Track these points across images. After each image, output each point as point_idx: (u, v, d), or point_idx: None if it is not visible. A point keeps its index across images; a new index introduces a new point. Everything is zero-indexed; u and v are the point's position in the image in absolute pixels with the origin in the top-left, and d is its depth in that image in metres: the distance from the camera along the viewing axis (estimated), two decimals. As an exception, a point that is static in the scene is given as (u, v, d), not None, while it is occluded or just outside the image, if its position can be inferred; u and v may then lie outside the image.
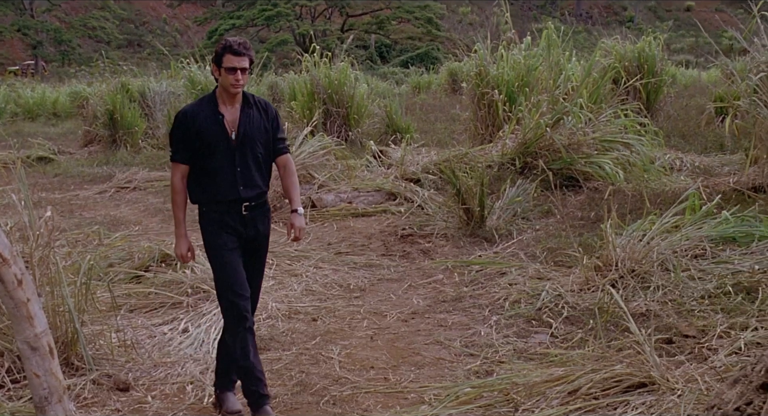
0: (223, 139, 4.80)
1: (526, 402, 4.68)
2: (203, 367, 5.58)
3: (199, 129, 4.76)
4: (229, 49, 4.67)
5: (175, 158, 4.86)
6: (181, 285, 6.93)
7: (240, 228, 4.81)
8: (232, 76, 4.66)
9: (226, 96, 4.79)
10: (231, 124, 4.82)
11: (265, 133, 4.94)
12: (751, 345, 5.18)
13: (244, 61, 4.69)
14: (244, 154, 4.85)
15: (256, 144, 4.89)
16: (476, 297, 6.96)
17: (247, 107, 4.89)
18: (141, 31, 58.05)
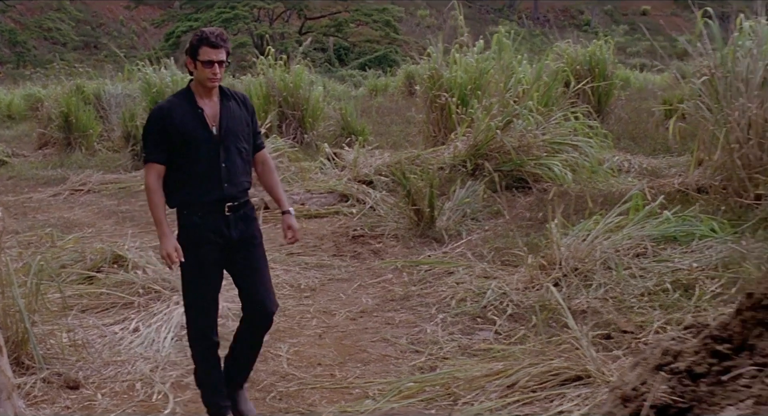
0: (204, 135, 4.55)
1: (466, 395, 4.84)
2: (153, 365, 5.67)
3: (177, 125, 4.51)
4: (205, 41, 4.45)
5: (150, 158, 4.56)
6: (133, 285, 7.01)
7: (224, 231, 4.53)
8: (209, 69, 4.46)
9: (202, 90, 4.59)
10: (212, 119, 4.59)
11: (246, 127, 4.73)
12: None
13: (221, 54, 4.47)
14: (228, 150, 4.58)
15: (239, 138, 4.65)
16: (424, 296, 7.10)
17: (226, 100, 4.68)
18: (98, 33, 57.58)
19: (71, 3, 58.64)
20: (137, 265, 7.35)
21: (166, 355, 5.88)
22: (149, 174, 4.54)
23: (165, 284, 7.03)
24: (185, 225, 4.58)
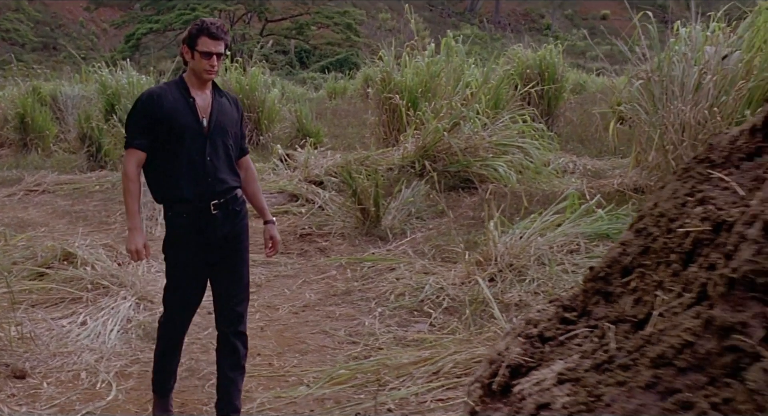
0: (193, 125, 4.40)
1: (394, 381, 5.12)
2: (98, 356, 5.89)
3: (167, 112, 4.36)
4: (205, 32, 4.29)
5: (132, 144, 4.37)
6: (82, 281, 7.20)
7: (209, 230, 4.41)
8: (207, 61, 4.31)
9: (196, 81, 4.44)
10: (202, 110, 4.45)
11: (235, 126, 4.63)
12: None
13: (220, 46, 4.35)
14: (215, 144, 4.46)
15: (228, 135, 4.53)
16: (365, 291, 7.37)
17: (218, 96, 4.57)
18: (57, 34, 57.21)
19: (30, 3, 58.21)
20: (86, 262, 7.54)
21: (111, 347, 6.10)
22: (129, 160, 4.38)
23: (113, 280, 7.24)
24: (173, 226, 4.46)
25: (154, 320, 6.38)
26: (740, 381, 1.29)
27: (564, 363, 1.85)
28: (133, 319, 6.61)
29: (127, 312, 6.69)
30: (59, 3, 62.18)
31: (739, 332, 1.35)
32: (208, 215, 4.40)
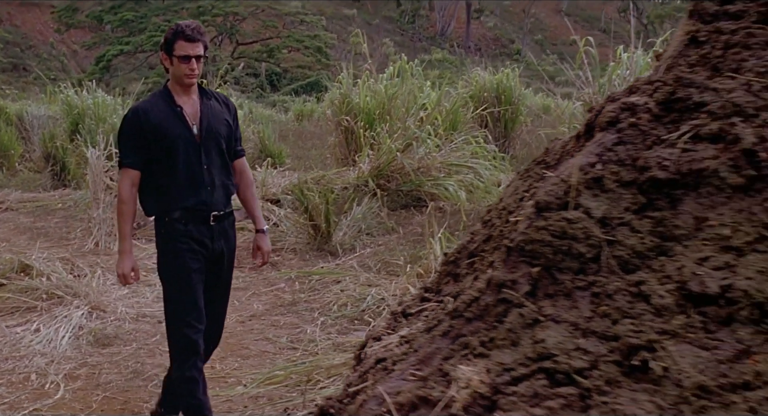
0: (184, 135, 4.28)
1: (325, 380, 5.46)
2: (49, 360, 6.18)
3: (155, 125, 4.24)
4: (180, 35, 4.18)
5: (125, 163, 4.29)
6: (37, 291, 7.48)
7: (207, 242, 4.30)
8: (185, 65, 4.18)
9: (180, 88, 4.32)
10: (192, 117, 4.32)
11: (228, 128, 4.46)
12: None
13: (198, 48, 4.22)
14: (209, 150, 4.33)
15: (221, 138, 4.39)
16: (310, 302, 7.71)
17: (206, 98, 4.42)
18: (27, 55, 57.23)
19: (0, 25, 58.26)
20: (42, 273, 7.83)
21: (62, 352, 6.40)
22: (123, 181, 4.29)
23: (68, 290, 7.53)
24: (168, 234, 4.30)
25: (105, 326, 6.71)
26: (502, 324, 1.67)
27: (408, 329, 2.22)
28: (85, 327, 6.90)
29: (80, 320, 6.97)
30: (30, 24, 62.23)
31: (510, 288, 1.73)
32: (207, 227, 4.29)
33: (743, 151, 1.70)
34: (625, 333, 1.54)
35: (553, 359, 1.52)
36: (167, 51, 4.26)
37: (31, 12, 63.87)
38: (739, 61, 1.88)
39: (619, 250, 1.70)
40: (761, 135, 1.71)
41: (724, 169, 1.70)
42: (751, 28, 1.91)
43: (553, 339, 1.56)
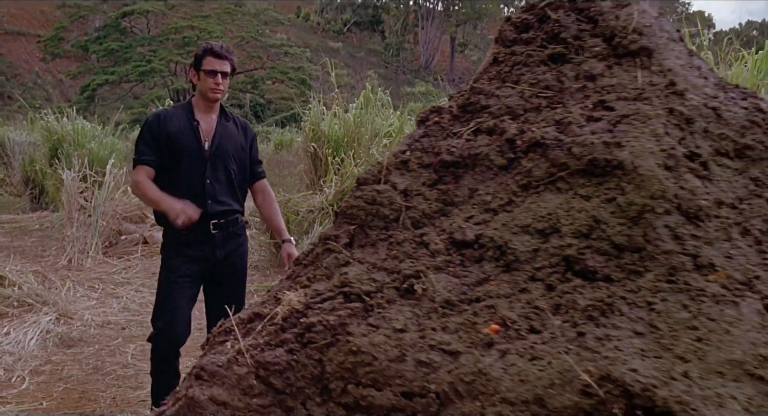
0: (195, 147, 4.43)
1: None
2: (16, 358, 6.70)
3: (170, 133, 4.40)
4: (210, 52, 4.37)
5: (141, 160, 4.44)
6: (9, 299, 8.00)
7: (206, 250, 4.44)
8: (211, 79, 4.35)
9: (203, 104, 4.50)
10: (206, 133, 4.46)
11: (241, 151, 4.58)
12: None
13: (225, 65, 4.39)
14: (215, 167, 4.46)
15: (230, 159, 4.51)
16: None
17: (225, 120, 4.57)
18: (12, 84, 57.65)
19: (-15, 54, 58.74)
20: (14, 283, 8.35)
21: (29, 351, 6.91)
22: (138, 172, 4.42)
23: (38, 298, 8.05)
24: (171, 241, 4.53)
25: (71, 331, 7.26)
26: (323, 264, 2.26)
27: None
28: (52, 331, 7.41)
29: (47, 325, 7.49)
30: (15, 53, 62.74)
31: (333, 240, 2.32)
32: (207, 233, 4.41)
33: (506, 140, 2.31)
34: (404, 268, 2.14)
35: (350, 285, 2.11)
36: (196, 66, 4.46)
37: (17, 41, 64.45)
38: (519, 75, 2.49)
39: (413, 213, 2.29)
40: (521, 128, 2.32)
41: (493, 153, 2.30)
42: (533, 51, 2.52)
43: (354, 273, 2.15)
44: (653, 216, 1.99)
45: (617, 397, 1.65)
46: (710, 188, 2.11)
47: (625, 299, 1.89)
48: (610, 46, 2.46)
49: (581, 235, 2.03)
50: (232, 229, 4.51)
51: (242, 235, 4.69)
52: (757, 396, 1.64)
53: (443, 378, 1.83)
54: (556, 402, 1.70)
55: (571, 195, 2.11)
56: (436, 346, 1.89)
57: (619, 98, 2.29)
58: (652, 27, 2.47)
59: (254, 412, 1.92)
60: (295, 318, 2.05)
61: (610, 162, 2.09)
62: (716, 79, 2.53)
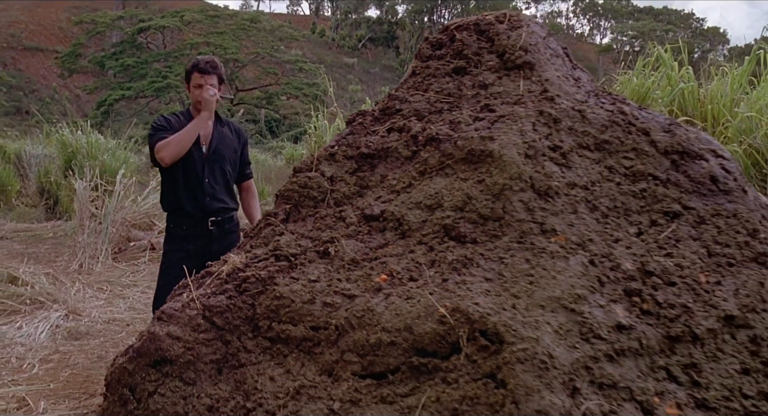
0: (194, 150, 4.80)
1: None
2: (27, 348, 7.27)
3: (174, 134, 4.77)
4: (195, 68, 4.82)
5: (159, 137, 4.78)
6: (22, 297, 8.60)
7: (203, 244, 4.72)
8: (198, 91, 4.77)
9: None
10: (204, 138, 4.85)
11: (234, 153, 4.99)
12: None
13: (212, 79, 4.78)
14: (213, 169, 4.85)
15: (225, 160, 4.91)
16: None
17: (220, 126, 4.99)
18: (30, 99, 58.43)
19: (4, 69, 59.53)
20: (27, 283, 8.95)
21: (39, 343, 7.49)
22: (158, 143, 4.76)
23: (49, 297, 8.64)
24: (171, 234, 4.96)
25: (79, 326, 7.84)
26: (262, 234, 2.83)
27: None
28: (61, 326, 7.98)
29: (57, 320, 8.06)
30: (33, 69, 63.58)
31: (273, 216, 2.90)
32: (205, 229, 4.77)
33: (411, 136, 2.88)
34: (323, 236, 2.71)
35: (281, 249, 2.68)
36: (186, 81, 4.97)
37: (35, 57, 65.35)
38: (429, 85, 3.06)
39: (336, 194, 2.86)
40: (424, 127, 2.88)
41: (401, 147, 2.87)
42: (441, 65, 3.10)
43: (284, 240, 2.72)
44: (511, 192, 2.55)
45: (463, 323, 2.21)
46: (567, 173, 2.67)
47: (483, 255, 2.45)
48: (501, 61, 3.03)
49: (457, 209, 2.59)
50: (227, 226, 4.87)
51: (236, 232, 4.96)
52: (567, 323, 2.20)
53: (342, 314, 2.40)
54: (420, 329, 2.26)
55: (454, 178, 2.68)
56: (339, 292, 2.46)
57: (503, 103, 2.86)
58: (538, 45, 3.03)
59: (200, 344, 2.49)
60: (236, 274, 2.61)
61: (483, 152, 2.65)
62: (592, 87, 3.09)
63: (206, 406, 2.38)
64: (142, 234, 12.85)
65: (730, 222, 2.70)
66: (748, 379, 2.28)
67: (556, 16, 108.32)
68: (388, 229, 2.66)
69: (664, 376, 2.20)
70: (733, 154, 7.54)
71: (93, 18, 58.37)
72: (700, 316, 2.36)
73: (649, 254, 2.50)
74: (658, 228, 2.63)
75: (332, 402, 2.23)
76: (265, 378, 2.39)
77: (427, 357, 2.23)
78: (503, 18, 3.17)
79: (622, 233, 2.57)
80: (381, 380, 2.26)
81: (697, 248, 2.57)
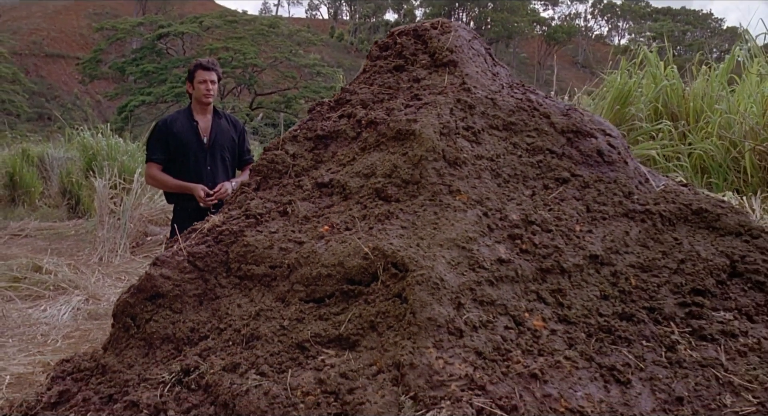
0: (196, 142, 5.50)
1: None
2: (51, 327, 8.03)
3: (176, 134, 5.49)
4: (200, 66, 5.54)
5: (152, 158, 5.57)
6: (46, 283, 9.37)
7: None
8: (203, 85, 5.51)
9: (199, 107, 5.60)
10: (204, 131, 5.56)
11: (231, 142, 5.67)
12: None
13: (212, 75, 5.54)
14: (214, 156, 5.52)
15: (224, 149, 5.60)
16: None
17: (218, 118, 5.67)
18: (52, 105, 59.31)
19: (26, 75, 60.49)
20: (50, 271, 9.73)
21: (62, 322, 8.24)
22: (150, 169, 5.60)
23: (70, 283, 9.40)
24: (177, 217, 5.55)
25: (98, 308, 8.59)
26: (237, 199, 3.55)
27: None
28: (82, 308, 8.73)
29: (78, 304, 8.82)
30: (55, 75, 64.57)
31: (246, 186, 3.61)
32: (207, 210, 5.26)
33: (356, 120, 3.59)
34: (284, 200, 3.42)
35: (250, 210, 3.39)
36: (190, 80, 5.66)
37: (57, 63, 66.39)
38: (374, 80, 3.77)
39: (296, 168, 3.58)
40: (367, 114, 3.60)
41: (348, 129, 3.58)
42: (385, 64, 3.82)
43: (254, 204, 3.44)
44: (426, 162, 3.26)
45: (380, 258, 2.92)
46: (476, 148, 3.37)
47: (403, 210, 3.16)
48: (432, 60, 3.75)
49: (386, 176, 3.30)
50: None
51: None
52: (458, 257, 2.90)
53: (293, 256, 3.11)
54: (349, 264, 2.97)
55: (386, 152, 3.39)
56: (292, 240, 3.17)
57: (429, 93, 3.57)
58: (462, 46, 3.75)
59: (186, 282, 3.21)
60: (214, 229, 3.33)
61: (408, 131, 3.37)
62: (508, 80, 3.81)
63: (189, 328, 3.10)
64: (158, 230, 13.59)
65: (609, 187, 3.40)
66: (606, 303, 2.96)
67: (574, 18, 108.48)
68: (334, 194, 3.37)
69: (534, 298, 2.90)
70: (715, 148, 8.22)
71: (113, 24, 59.12)
72: (569, 255, 3.05)
73: (535, 210, 3.20)
74: (548, 191, 3.32)
75: (283, 320, 2.94)
76: (234, 305, 3.10)
77: (354, 285, 2.94)
78: (437, 25, 3.89)
79: (518, 194, 3.27)
80: (320, 303, 2.97)
81: (577, 205, 3.27)
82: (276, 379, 2.64)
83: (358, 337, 2.74)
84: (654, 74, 10.60)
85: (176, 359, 2.96)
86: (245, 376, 2.69)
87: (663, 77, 10.35)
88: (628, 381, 2.62)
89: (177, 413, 2.67)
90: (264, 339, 2.86)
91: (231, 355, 2.84)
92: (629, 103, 10.23)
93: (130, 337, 3.18)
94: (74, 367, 3.17)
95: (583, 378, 2.59)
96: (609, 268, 3.08)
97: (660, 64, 11.05)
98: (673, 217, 3.29)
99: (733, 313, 2.94)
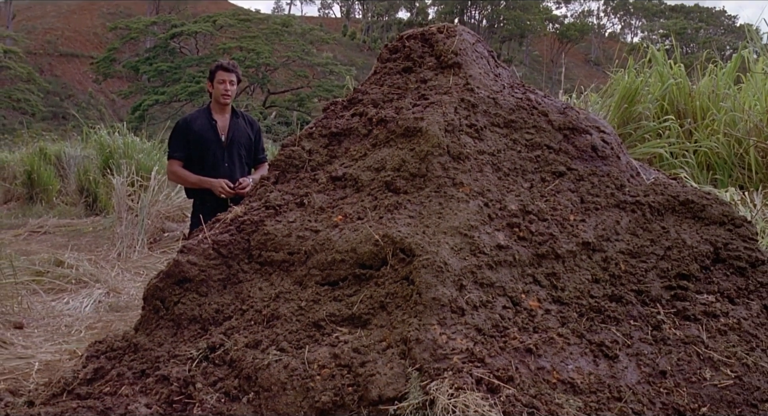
0: (215, 141, 5.71)
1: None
2: (74, 318, 8.34)
3: (195, 132, 5.69)
4: (220, 67, 5.76)
5: (172, 156, 5.80)
6: (68, 277, 9.68)
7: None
8: (222, 86, 5.72)
9: (217, 107, 5.80)
10: (222, 129, 5.77)
11: (248, 140, 5.89)
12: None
13: (232, 76, 5.76)
14: (231, 154, 5.72)
15: (241, 147, 5.81)
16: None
17: (235, 117, 5.87)
18: (67, 104, 59.65)
19: (41, 75, 60.89)
20: (71, 265, 10.04)
21: (85, 314, 8.55)
22: (171, 165, 5.82)
23: (92, 277, 9.71)
24: (196, 210, 5.73)
25: (119, 301, 8.89)
26: (258, 192, 3.83)
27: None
28: (104, 301, 9.04)
29: (99, 296, 9.12)
30: (69, 74, 64.95)
31: (266, 179, 3.89)
32: (225, 205, 5.33)
33: (368, 118, 3.87)
34: (301, 192, 3.70)
35: (270, 201, 3.67)
36: (210, 79, 5.89)
37: (71, 63, 66.81)
38: (384, 81, 4.05)
39: (312, 163, 3.86)
40: (377, 112, 3.87)
41: (360, 127, 3.86)
42: (394, 66, 4.09)
43: (273, 196, 3.71)
44: (432, 157, 3.54)
45: (389, 244, 3.20)
46: (479, 143, 3.65)
47: (410, 201, 3.44)
48: (438, 62, 4.03)
49: (395, 169, 3.58)
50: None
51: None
52: (461, 243, 3.17)
53: (310, 243, 3.40)
54: (361, 250, 3.25)
55: (395, 148, 3.67)
56: (308, 228, 3.45)
57: (436, 93, 3.85)
58: (466, 49, 4.02)
59: (211, 268, 3.49)
60: (237, 219, 3.61)
61: (415, 128, 3.65)
62: (510, 81, 4.08)
63: (214, 309, 3.39)
64: (175, 226, 13.90)
65: (602, 180, 3.67)
66: (597, 286, 3.24)
67: (587, 16, 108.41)
68: (347, 186, 3.65)
69: (530, 281, 3.17)
70: (720, 145, 8.45)
71: (127, 24, 59.32)
72: (564, 242, 3.33)
73: (532, 200, 3.48)
74: (545, 184, 3.60)
75: (301, 302, 3.23)
76: (255, 289, 3.39)
77: (366, 269, 3.22)
78: (443, 29, 4.17)
79: (517, 186, 3.54)
80: (335, 286, 3.25)
81: (572, 197, 3.54)
82: (294, 354, 2.91)
83: (369, 316, 3.01)
84: (661, 72, 10.80)
85: (203, 337, 3.24)
86: (266, 352, 2.96)
87: (670, 75, 10.55)
88: (616, 356, 2.89)
89: (204, 385, 2.95)
90: (283, 318, 3.13)
91: (253, 333, 3.12)
92: (636, 101, 10.44)
93: (160, 318, 3.47)
94: (108, 347, 3.45)
95: (574, 353, 2.86)
96: (600, 254, 3.35)
97: (667, 62, 11.25)
98: (662, 208, 3.56)
99: (715, 296, 3.21)
